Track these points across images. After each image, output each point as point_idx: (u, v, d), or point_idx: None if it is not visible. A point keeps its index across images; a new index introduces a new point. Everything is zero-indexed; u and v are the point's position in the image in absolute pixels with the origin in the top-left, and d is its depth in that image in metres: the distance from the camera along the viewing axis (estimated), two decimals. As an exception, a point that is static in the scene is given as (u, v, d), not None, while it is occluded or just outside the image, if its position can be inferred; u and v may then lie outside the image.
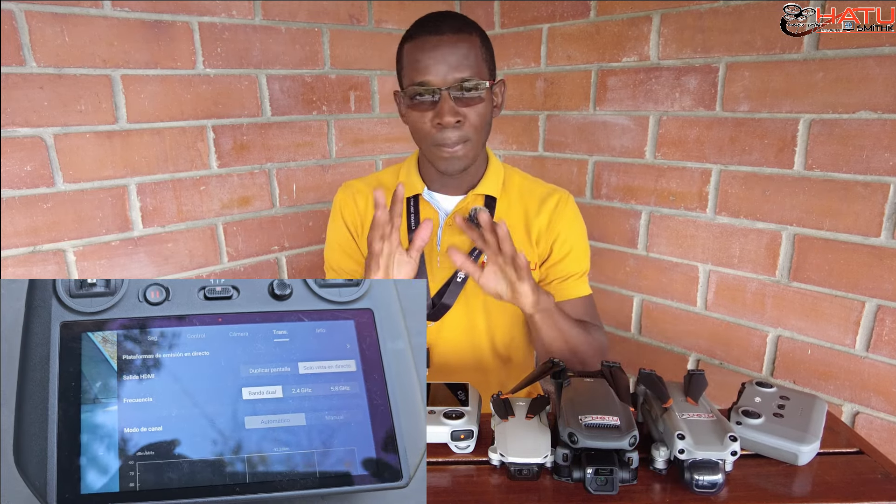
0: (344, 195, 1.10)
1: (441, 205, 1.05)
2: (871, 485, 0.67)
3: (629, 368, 0.83)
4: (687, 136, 1.45)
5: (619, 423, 0.66)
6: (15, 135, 1.19)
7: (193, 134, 1.42)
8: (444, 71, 0.89)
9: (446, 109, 0.90)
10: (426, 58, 0.90)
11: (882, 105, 1.15)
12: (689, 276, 1.51)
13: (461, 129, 0.92)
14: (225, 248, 1.52)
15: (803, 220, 1.29)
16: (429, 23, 0.92)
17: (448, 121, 0.90)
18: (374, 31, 1.68)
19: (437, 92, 0.90)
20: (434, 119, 0.91)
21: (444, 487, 0.69)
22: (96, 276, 1.32)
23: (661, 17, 1.44)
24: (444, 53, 0.89)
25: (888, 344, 1.22)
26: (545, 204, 1.05)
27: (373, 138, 1.75)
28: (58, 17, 1.20)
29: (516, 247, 1.03)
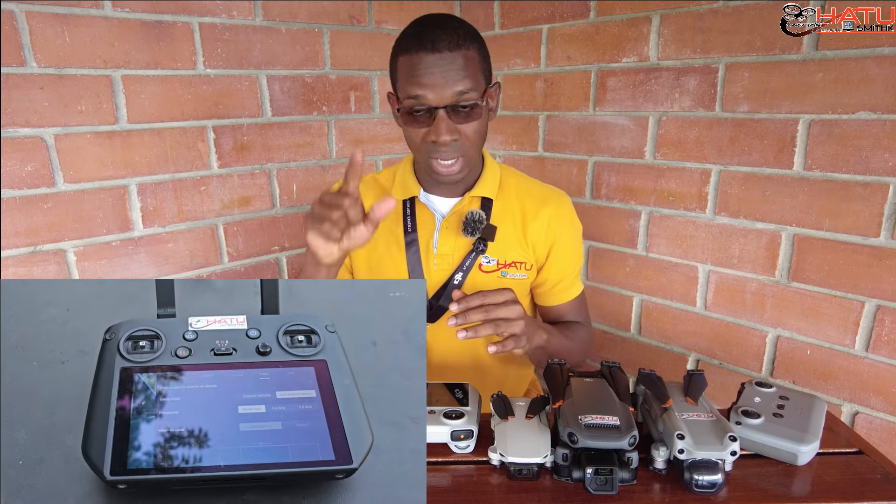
0: None
1: (437, 207, 1.05)
2: (871, 485, 0.68)
3: (629, 368, 0.83)
4: (686, 137, 1.45)
5: (619, 423, 0.66)
6: (15, 135, 1.19)
7: (194, 134, 1.42)
8: (440, 88, 0.87)
9: (443, 129, 0.88)
10: (422, 75, 0.87)
11: (882, 105, 1.15)
12: (688, 276, 1.51)
13: (457, 145, 0.91)
14: (225, 248, 1.52)
15: (803, 220, 1.29)
16: (425, 35, 0.88)
17: (444, 140, 0.89)
18: (374, 31, 1.68)
19: (434, 110, 0.89)
20: (429, 136, 0.90)
21: (444, 487, 0.69)
22: (96, 276, 1.33)
23: (660, 18, 1.44)
24: (442, 70, 0.87)
25: (888, 344, 1.22)
26: (543, 207, 1.05)
27: (373, 138, 1.75)
28: (58, 17, 1.20)
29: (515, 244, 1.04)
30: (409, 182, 1.05)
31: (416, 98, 0.89)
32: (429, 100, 0.88)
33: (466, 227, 0.99)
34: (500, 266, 1.03)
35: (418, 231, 1.03)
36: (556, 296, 1.09)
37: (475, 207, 1.02)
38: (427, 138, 0.91)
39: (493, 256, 1.02)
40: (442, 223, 1.03)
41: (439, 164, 0.93)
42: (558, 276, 1.07)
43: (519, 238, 1.04)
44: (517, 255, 1.04)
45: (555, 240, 1.05)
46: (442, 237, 1.03)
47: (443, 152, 0.91)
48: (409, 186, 1.05)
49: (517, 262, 1.04)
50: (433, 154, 0.92)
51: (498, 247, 1.02)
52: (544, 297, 1.10)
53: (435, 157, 0.93)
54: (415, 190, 1.04)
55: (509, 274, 1.03)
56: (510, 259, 1.03)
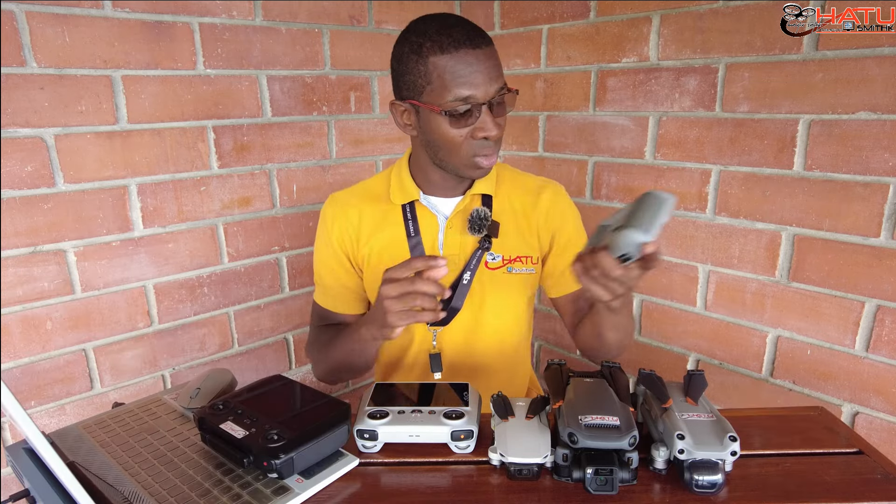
0: (333, 209, 1.07)
1: (439, 208, 1.04)
2: (871, 485, 0.67)
3: (629, 368, 0.83)
4: (687, 137, 1.45)
5: (619, 424, 0.66)
6: (15, 135, 1.19)
7: (194, 134, 1.42)
8: (487, 84, 0.88)
9: (493, 124, 0.90)
10: (471, 73, 0.87)
11: (882, 105, 1.15)
12: (688, 276, 1.51)
13: (497, 139, 0.93)
14: (225, 248, 1.52)
15: (803, 220, 1.29)
16: (460, 34, 0.87)
17: (496, 135, 0.91)
18: (374, 31, 1.68)
19: (480, 106, 0.89)
20: (477, 132, 0.90)
21: (444, 487, 0.69)
22: (96, 276, 1.33)
23: (660, 18, 1.44)
24: (486, 67, 0.88)
25: (888, 344, 1.22)
26: (540, 198, 1.06)
27: (373, 139, 1.75)
28: (58, 17, 1.20)
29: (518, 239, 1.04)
30: (407, 186, 1.04)
31: (467, 99, 0.88)
32: (478, 97, 0.88)
33: (473, 224, 1.00)
34: (506, 262, 1.03)
35: (421, 234, 1.02)
36: (571, 283, 1.06)
37: (477, 206, 1.02)
38: (475, 135, 0.91)
39: (498, 253, 1.03)
40: (446, 224, 1.03)
41: (484, 160, 0.93)
42: (567, 261, 1.05)
43: (521, 232, 1.04)
44: (521, 250, 1.04)
45: (557, 226, 1.05)
46: (447, 238, 1.03)
47: (488, 147, 0.92)
48: (408, 190, 1.04)
49: (521, 256, 1.04)
50: (480, 151, 0.92)
51: (501, 243, 1.02)
52: (557, 287, 1.09)
53: (481, 154, 0.93)
54: (414, 193, 1.03)
55: (515, 269, 1.04)
56: (514, 254, 1.04)
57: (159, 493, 0.66)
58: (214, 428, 0.71)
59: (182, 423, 0.81)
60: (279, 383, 0.82)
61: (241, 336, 1.60)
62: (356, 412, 0.77)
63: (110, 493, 0.66)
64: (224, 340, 1.57)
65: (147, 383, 1.45)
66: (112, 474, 0.70)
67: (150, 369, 1.45)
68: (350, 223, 1.05)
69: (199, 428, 0.74)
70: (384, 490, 0.69)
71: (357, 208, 1.06)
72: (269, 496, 0.65)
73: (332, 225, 1.06)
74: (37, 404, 1.30)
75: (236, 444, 0.68)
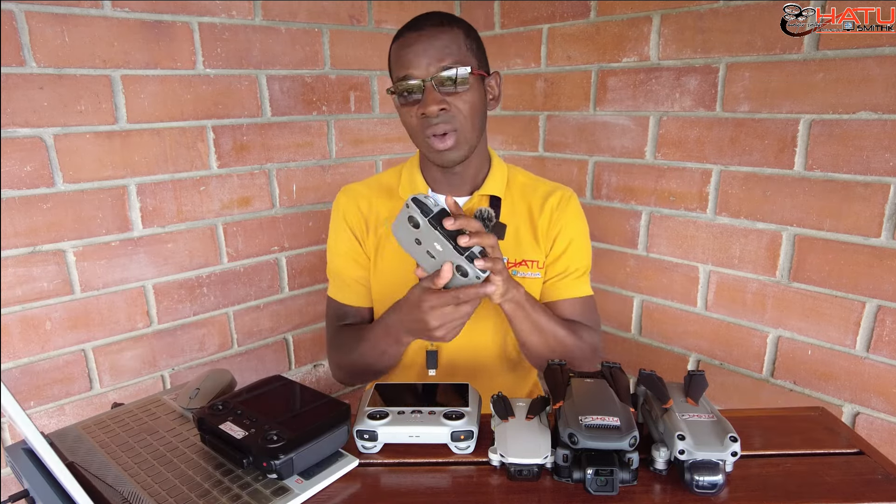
0: (346, 198, 1.08)
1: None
2: (871, 485, 0.67)
3: (629, 369, 0.83)
4: (687, 137, 1.45)
5: (620, 424, 0.66)
6: (15, 135, 1.19)
7: (193, 134, 1.42)
8: (425, 63, 0.90)
9: (430, 99, 0.90)
10: (408, 52, 0.91)
11: (882, 105, 1.15)
12: (689, 276, 1.51)
13: (448, 118, 0.92)
14: (225, 248, 1.52)
15: (803, 220, 1.29)
16: (412, 22, 0.95)
17: (432, 110, 0.90)
18: (374, 31, 1.68)
19: (421, 85, 0.91)
20: (419, 110, 0.92)
21: (444, 488, 0.69)
22: (95, 276, 1.33)
23: (661, 18, 1.44)
24: (424, 47, 0.90)
25: (888, 344, 1.22)
26: (548, 201, 1.05)
27: (373, 138, 1.75)
28: (58, 17, 1.20)
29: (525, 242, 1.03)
30: (416, 181, 1.05)
31: (405, 78, 0.91)
32: (415, 75, 0.91)
33: None
34: (511, 265, 1.03)
35: None
36: (559, 290, 1.05)
37: (484, 206, 1.02)
38: (419, 114, 0.92)
39: (504, 255, 1.02)
40: None
41: (436, 141, 0.93)
42: (562, 268, 1.04)
43: (528, 235, 1.04)
44: (528, 254, 1.03)
45: (559, 230, 1.04)
46: None
47: (434, 125, 0.92)
48: (417, 185, 1.04)
49: (528, 260, 1.03)
50: (426, 130, 0.93)
51: (508, 245, 1.02)
52: (547, 292, 1.07)
53: (429, 134, 0.93)
54: (423, 189, 1.04)
55: (520, 272, 1.03)
56: (521, 257, 1.03)
57: (159, 493, 0.66)
58: (214, 428, 0.70)
59: (181, 424, 0.81)
60: (279, 384, 0.81)
61: (241, 336, 1.60)
62: (356, 412, 0.77)
63: (109, 493, 0.66)
64: (223, 341, 1.56)
65: (146, 384, 1.45)
66: (111, 475, 0.70)
67: (149, 370, 1.44)
68: (361, 211, 1.07)
69: (198, 428, 0.73)
70: (384, 491, 0.69)
71: (368, 199, 1.07)
72: (268, 497, 0.64)
73: (346, 210, 1.08)
74: (36, 405, 1.30)
75: (236, 445, 0.68)
